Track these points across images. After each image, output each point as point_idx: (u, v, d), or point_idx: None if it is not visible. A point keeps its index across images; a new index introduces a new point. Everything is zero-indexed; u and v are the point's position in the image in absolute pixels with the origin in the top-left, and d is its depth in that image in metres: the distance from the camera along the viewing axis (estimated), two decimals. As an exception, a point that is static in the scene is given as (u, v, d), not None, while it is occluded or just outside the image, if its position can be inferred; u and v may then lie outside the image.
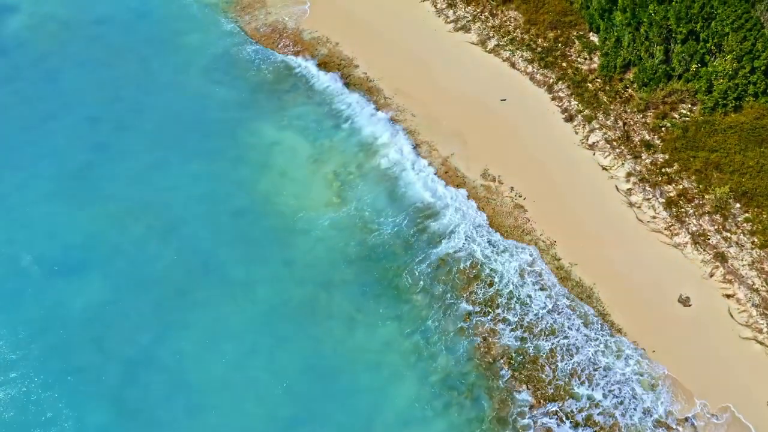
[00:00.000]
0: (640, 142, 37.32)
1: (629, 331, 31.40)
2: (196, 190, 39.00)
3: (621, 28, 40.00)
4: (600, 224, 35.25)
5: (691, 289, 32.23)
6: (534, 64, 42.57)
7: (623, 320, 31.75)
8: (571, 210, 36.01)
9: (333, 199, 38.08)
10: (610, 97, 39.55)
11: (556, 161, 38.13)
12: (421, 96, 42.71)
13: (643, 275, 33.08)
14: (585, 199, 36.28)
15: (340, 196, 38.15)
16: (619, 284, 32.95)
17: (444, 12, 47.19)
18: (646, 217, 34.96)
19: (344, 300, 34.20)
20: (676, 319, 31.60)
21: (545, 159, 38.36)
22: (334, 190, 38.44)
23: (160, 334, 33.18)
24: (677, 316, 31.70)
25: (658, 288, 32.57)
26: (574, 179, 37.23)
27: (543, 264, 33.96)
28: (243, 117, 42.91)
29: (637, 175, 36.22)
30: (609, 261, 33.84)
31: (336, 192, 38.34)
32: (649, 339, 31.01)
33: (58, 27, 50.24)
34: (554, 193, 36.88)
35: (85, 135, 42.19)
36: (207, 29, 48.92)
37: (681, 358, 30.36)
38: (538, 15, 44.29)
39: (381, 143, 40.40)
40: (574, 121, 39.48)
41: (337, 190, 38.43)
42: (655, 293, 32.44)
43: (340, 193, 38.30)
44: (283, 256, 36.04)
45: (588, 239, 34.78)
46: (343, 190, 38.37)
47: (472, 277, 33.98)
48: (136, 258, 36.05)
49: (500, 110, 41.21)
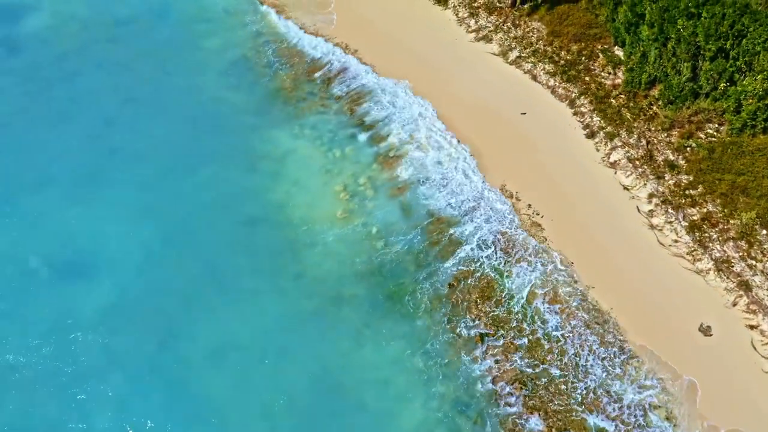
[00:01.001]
0: (663, 162, 36.17)
1: (647, 360, 30.31)
2: (208, 197, 38.58)
3: (647, 43, 38.85)
4: (619, 246, 34.17)
5: (713, 318, 31.06)
6: (556, 78, 41.55)
7: (641, 348, 30.67)
8: (589, 230, 34.96)
9: (345, 211, 37.39)
10: (633, 114, 38.42)
11: (575, 179, 37.10)
12: (439, 106, 41.89)
13: (662, 302, 31.95)
14: (604, 220, 35.21)
15: (353, 209, 37.47)
16: (637, 310, 31.87)
17: (465, 21, 46.34)
18: (668, 240, 33.81)
19: (353, 315, 33.53)
20: (696, 349, 30.45)
21: (564, 176, 37.34)
22: (346, 203, 37.78)
23: (166, 342, 32.78)
24: (697, 346, 30.55)
25: (677, 316, 31.43)
26: (593, 198, 36.17)
27: (562, 288, 32.99)
28: (258, 123, 42.45)
29: (660, 197, 35.08)
30: (627, 285, 32.77)
31: (349, 204, 37.67)
32: (668, 369, 29.90)
33: (79, 27, 50.24)
34: (573, 211, 35.86)
35: (99, 137, 41.98)
36: (227, 33, 48.55)
37: (702, 390, 29.20)
38: (562, 27, 43.26)
39: (395, 154, 39.64)
40: (595, 138, 38.41)
41: (350, 202, 37.76)
42: (674, 321, 31.31)
43: (352, 205, 37.63)
44: (292, 268, 35.45)
45: (606, 261, 33.73)
46: (356, 203, 37.69)
47: (485, 297, 33.12)
48: (144, 264, 35.72)
49: (520, 123, 40.27)
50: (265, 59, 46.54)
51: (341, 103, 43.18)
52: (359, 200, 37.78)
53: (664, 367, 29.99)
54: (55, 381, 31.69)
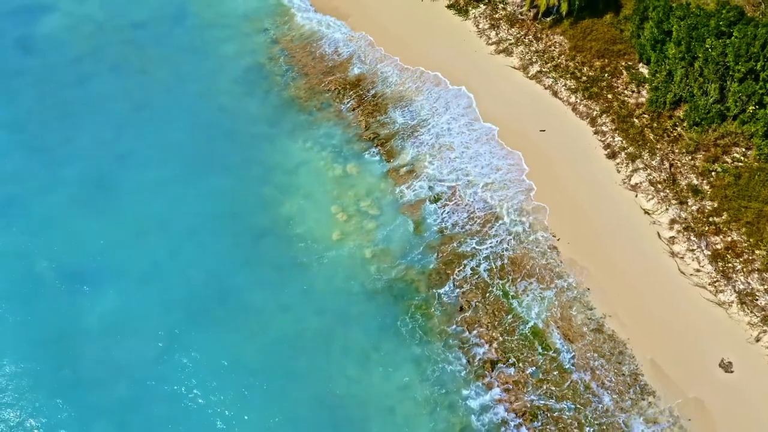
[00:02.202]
0: (687, 187, 34.89)
1: (663, 395, 29.17)
2: (216, 207, 37.96)
3: (674, 62, 37.55)
4: (638, 274, 32.98)
5: (735, 354, 29.81)
6: (577, 94, 40.36)
7: (657, 383, 29.51)
8: (607, 255, 33.80)
9: (356, 227, 36.56)
10: (657, 135, 37.16)
11: (594, 201, 35.93)
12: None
13: (682, 334, 30.76)
14: (623, 245, 34.02)
15: (364, 225, 36.61)
16: (654, 342, 30.70)
17: (486, 33, 45.24)
18: (689, 269, 32.56)
19: (361, 335, 32.71)
20: (716, 386, 29.23)
21: (583, 197, 36.20)
22: (357, 218, 36.94)
23: (168, 355, 32.27)
24: (717, 382, 29.33)
25: (697, 349, 30.22)
26: (612, 222, 34.99)
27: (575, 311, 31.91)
28: (271, 133, 41.72)
29: (682, 223, 33.82)
30: (645, 315, 31.59)
31: (359, 220, 36.83)
32: (685, 406, 28.73)
33: (94, 29, 49.81)
34: (590, 235, 34.72)
35: (110, 142, 41.50)
36: (244, 39, 47.79)
37: (720, 430, 28.00)
38: (585, 42, 42.03)
39: (409, 170, 38.76)
40: (616, 159, 37.19)
41: (361, 218, 36.91)
42: (694, 355, 30.11)
43: (363, 221, 36.77)
44: (301, 284, 34.69)
45: (624, 289, 32.56)
46: (367, 219, 36.84)
47: (496, 321, 32.13)
48: (150, 274, 35.23)
49: (538, 141, 39.15)
50: (281, 67, 45.78)
51: (356, 113, 42.32)
52: (370, 216, 36.92)
53: (681, 403, 28.81)
54: (54, 387, 31.37)
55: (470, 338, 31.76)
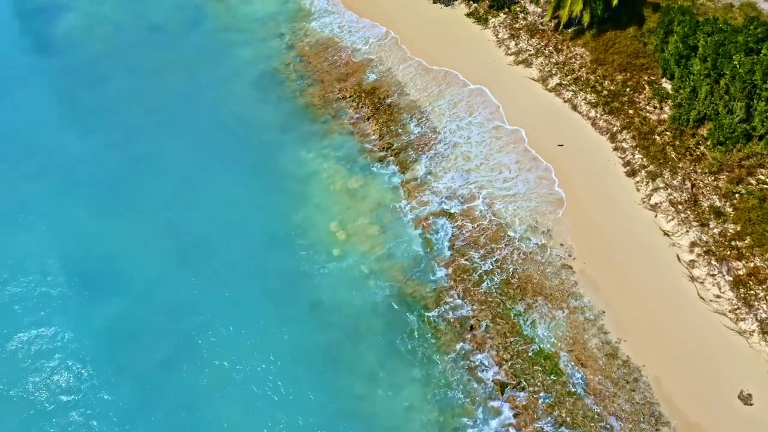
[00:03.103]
0: (709, 208, 33.76)
1: (678, 426, 28.13)
2: (229, 215, 37.58)
3: (698, 78, 36.39)
4: (656, 297, 31.93)
5: (755, 386, 28.67)
6: (598, 109, 39.33)
7: (673, 413, 28.47)
8: (624, 277, 32.79)
9: (367, 240, 35.90)
10: (679, 154, 36.04)
11: (612, 220, 34.92)
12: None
13: (699, 362, 29.67)
14: (641, 267, 32.98)
15: (375, 238, 35.94)
16: (671, 369, 29.66)
17: (505, 43, 44.34)
18: (709, 295, 31.46)
19: (369, 353, 32.05)
20: (734, 418, 28.13)
21: (601, 216, 35.19)
22: (368, 230, 36.27)
23: (175, 366, 31.91)
24: (736, 415, 28.22)
25: (716, 379, 29.13)
26: (630, 242, 33.95)
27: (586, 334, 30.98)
28: (284, 140, 41.23)
29: (703, 246, 32.72)
30: (662, 341, 30.56)
31: (370, 233, 36.15)
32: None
33: (111, 30, 49.84)
34: (607, 255, 33.72)
35: (123, 145, 41.38)
36: (260, 44, 47.42)
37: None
38: (607, 54, 40.97)
39: (421, 182, 38.03)
40: (636, 177, 36.13)
41: (372, 231, 36.24)
42: (711, 385, 29.01)
43: (375, 234, 36.10)
44: (310, 297, 34.14)
45: (641, 313, 31.54)
46: (379, 232, 36.16)
47: (507, 342, 31.30)
48: (159, 280, 34.95)
49: (556, 156, 38.20)
50: (296, 72, 45.27)
51: (371, 122, 41.66)
52: (381, 230, 36.23)
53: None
54: (58, 391, 31.29)
55: (479, 359, 30.96)
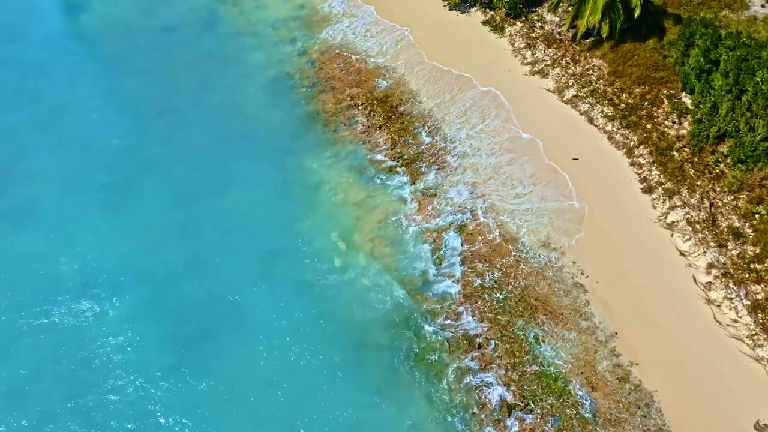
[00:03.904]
0: (727, 229, 32.78)
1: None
2: (235, 221, 37.14)
3: (719, 94, 35.42)
4: (670, 320, 31.02)
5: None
6: (614, 122, 38.42)
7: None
8: (638, 298, 31.90)
9: (374, 251, 35.27)
10: (698, 171, 35.07)
11: (627, 237, 34.02)
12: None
13: (714, 389, 28.73)
14: (655, 287, 32.08)
15: (381, 250, 35.28)
16: (684, 395, 28.74)
17: (521, 52, 43.53)
18: (726, 319, 30.50)
19: (374, 368, 31.39)
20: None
21: (615, 233, 34.30)
22: (376, 242, 35.64)
23: (178, 378, 31.42)
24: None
25: (731, 407, 28.17)
26: (645, 262, 33.04)
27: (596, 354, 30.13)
28: (294, 147, 40.69)
29: (720, 268, 31.74)
30: (676, 366, 29.64)
31: (378, 244, 35.51)
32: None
33: (124, 31, 49.65)
34: (621, 274, 32.84)
35: (132, 147, 41.13)
36: (272, 49, 46.94)
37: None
38: (626, 67, 40.04)
39: (432, 193, 37.34)
40: (653, 194, 35.20)
41: (380, 242, 35.60)
42: (726, 413, 28.06)
43: (381, 246, 35.45)
44: (316, 308, 33.54)
45: (654, 335, 30.65)
46: (386, 243, 35.50)
47: (515, 362, 30.53)
48: (165, 288, 34.58)
49: (571, 170, 37.34)
50: (308, 78, 44.73)
51: (382, 130, 41.02)
52: (389, 242, 35.56)
53: (710, 466, 26.91)
54: (61, 397, 30.97)
55: (487, 378, 30.21)
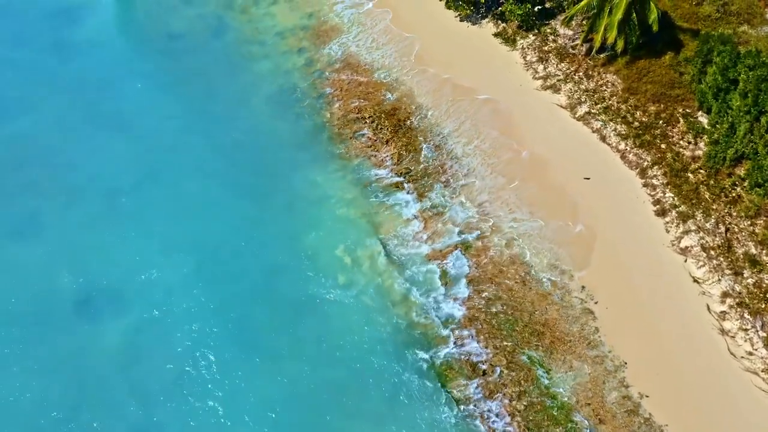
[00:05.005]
0: (743, 256, 31.70)
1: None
2: (237, 237, 36.43)
3: (738, 114, 34.30)
4: (682, 350, 30.03)
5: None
6: (628, 141, 37.36)
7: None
8: (648, 326, 30.91)
9: (378, 270, 34.45)
10: (713, 194, 33.98)
11: (638, 262, 33.00)
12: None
13: (728, 425, 27.73)
14: (667, 316, 31.07)
15: (387, 269, 34.46)
16: (696, 431, 27.74)
17: (533, 66, 42.52)
18: (741, 351, 29.45)
19: (376, 394, 30.66)
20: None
21: (626, 258, 33.30)
22: (380, 261, 34.80)
23: (173, 400, 30.85)
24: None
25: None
26: (657, 288, 32.03)
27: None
28: (299, 160, 39.89)
29: (736, 297, 30.68)
30: (688, 398, 28.66)
31: (383, 263, 34.67)
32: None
33: (132, 37, 49.05)
34: (631, 301, 31.85)
35: (136, 157, 40.31)
36: (279, 58, 45.86)
37: None
38: (641, 84, 38.94)
39: (440, 211, 36.48)
40: (666, 217, 34.15)
41: (385, 261, 34.75)
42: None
43: (387, 264, 34.61)
44: (317, 330, 32.81)
45: (665, 367, 29.66)
46: (392, 263, 34.67)
47: (521, 392, 29.62)
48: (163, 307, 33.96)
49: (581, 189, 36.35)
50: (315, 89, 43.92)
51: (389, 145, 40.19)
52: (394, 261, 34.74)
53: (722, 508, 25.92)
54: (62, 412, 30.63)
55: (491, 407, 29.34)
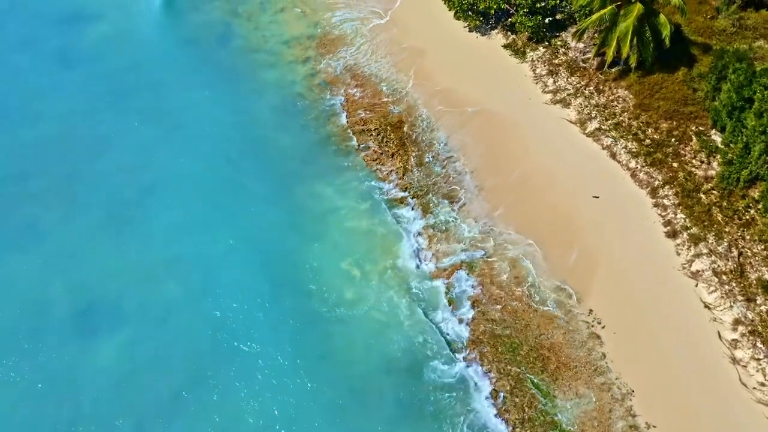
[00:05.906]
0: (757, 282, 30.84)
1: None
2: (240, 252, 35.92)
3: (753, 134, 33.41)
4: (692, 378, 29.22)
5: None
6: (639, 159, 36.53)
7: None
8: (657, 353, 30.13)
9: (382, 289, 33.84)
10: (726, 217, 33.12)
11: (647, 286, 32.19)
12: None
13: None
14: (676, 342, 30.27)
15: (391, 288, 33.85)
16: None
17: (543, 79, 41.74)
18: (753, 381, 28.61)
19: (377, 415, 30.10)
20: None
21: (635, 281, 32.51)
22: (382, 278, 34.20)
23: (173, 421, 30.33)
24: None
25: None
26: (666, 313, 31.22)
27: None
28: (304, 173, 39.36)
29: (748, 325, 29.84)
30: (696, 430, 27.87)
31: (385, 281, 34.07)
32: None
33: (137, 44, 48.56)
34: (640, 326, 31.07)
35: (138, 169, 39.88)
36: (285, 68, 45.42)
37: None
38: (653, 99, 38.10)
39: (443, 228, 35.80)
40: (677, 239, 33.32)
41: (387, 279, 34.15)
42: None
43: (390, 283, 34.01)
44: (319, 348, 32.32)
45: (674, 395, 28.88)
46: (395, 281, 34.05)
47: (526, 418, 28.94)
48: (164, 323, 33.53)
49: (590, 208, 35.56)
50: (321, 100, 43.34)
51: (395, 158, 39.55)
52: (398, 280, 34.10)
53: None
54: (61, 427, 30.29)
55: None
